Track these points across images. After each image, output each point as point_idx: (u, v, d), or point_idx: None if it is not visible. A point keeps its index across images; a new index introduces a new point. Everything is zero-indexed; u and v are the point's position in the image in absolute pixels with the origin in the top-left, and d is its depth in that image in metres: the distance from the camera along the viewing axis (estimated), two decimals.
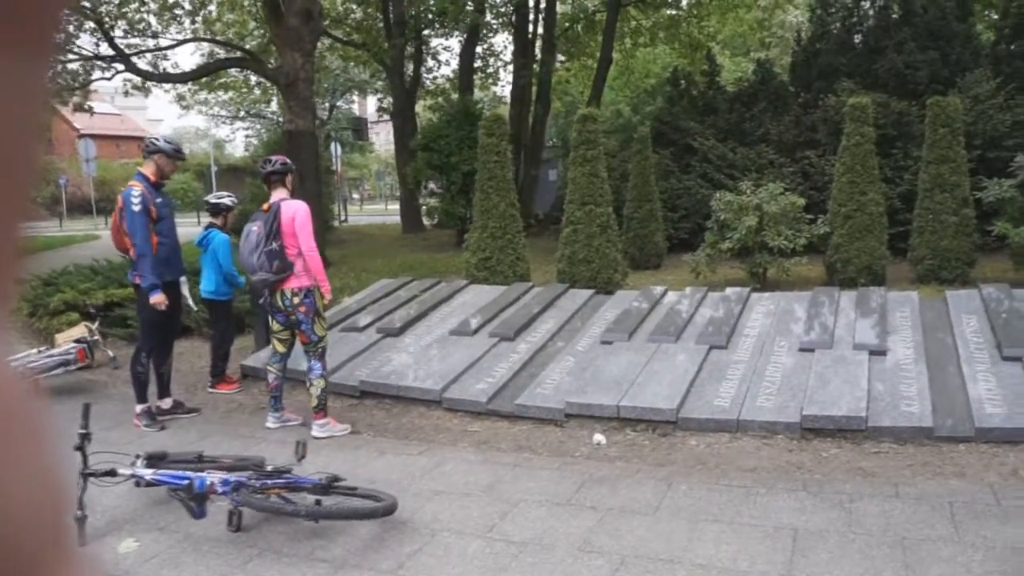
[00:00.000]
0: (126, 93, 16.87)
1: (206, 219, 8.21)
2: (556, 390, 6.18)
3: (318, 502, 4.48)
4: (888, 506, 4.21)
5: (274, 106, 33.70)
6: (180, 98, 19.91)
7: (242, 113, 39.87)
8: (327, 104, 37.43)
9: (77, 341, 8.06)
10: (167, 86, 17.40)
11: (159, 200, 6.46)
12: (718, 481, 4.74)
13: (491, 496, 4.78)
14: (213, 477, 4.41)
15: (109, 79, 15.49)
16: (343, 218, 25.73)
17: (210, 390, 7.57)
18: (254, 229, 5.85)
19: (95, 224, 27.60)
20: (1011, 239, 8.80)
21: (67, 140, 35.88)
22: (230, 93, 25.41)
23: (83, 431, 4.47)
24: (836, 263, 9.77)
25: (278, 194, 6.01)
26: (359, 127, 36.31)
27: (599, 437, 5.62)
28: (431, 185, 19.85)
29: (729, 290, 7.78)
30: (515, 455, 5.49)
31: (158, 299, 6.19)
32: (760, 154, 13.23)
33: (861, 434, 5.16)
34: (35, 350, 8.05)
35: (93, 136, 44.15)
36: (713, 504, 4.42)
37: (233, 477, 4.42)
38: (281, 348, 6.23)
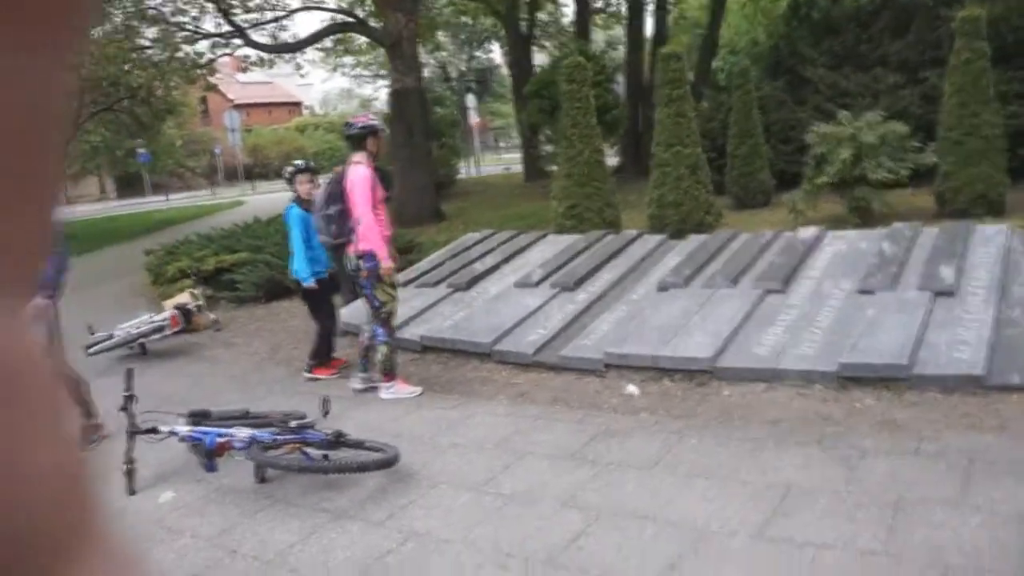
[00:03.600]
0: (244, 69, 17.68)
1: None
2: (600, 340, 6.11)
3: (325, 456, 4.68)
4: (900, 463, 3.93)
5: None
6: (298, 67, 20.66)
7: (383, 71, 40.93)
8: (466, 55, 37.74)
9: (177, 307, 8.69)
10: (288, 56, 18.08)
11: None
12: (732, 435, 4.57)
13: (502, 449, 4.83)
14: (234, 434, 4.69)
15: (231, 55, 16.30)
16: (469, 170, 25.92)
17: (306, 375, 6.92)
18: (319, 192, 5.95)
19: (243, 191, 29.50)
20: None
21: (220, 111, 38.21)
22: (348, 58, 25.95)
23: (127, 393, 4.85)
24: (946, 193, 8.98)
25: (355, 157, 5.85)
26: (483, 78, 36.38)
27: (632, 388, 5.52)
28: (548, 132, 19.71)
29: (803, 229, 7.34)
30: (545, 407, 5.50)
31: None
32: (876, 78, 12.23)
33: (904, 383, 4.80)
34: (147, 316, 8.76)
35: (245, 105, 46.92)
36: (715, 459, 4.28)
37: (250, 434, 4.69)
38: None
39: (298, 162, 7.41)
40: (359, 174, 5.71)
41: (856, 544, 3.28)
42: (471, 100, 32.64)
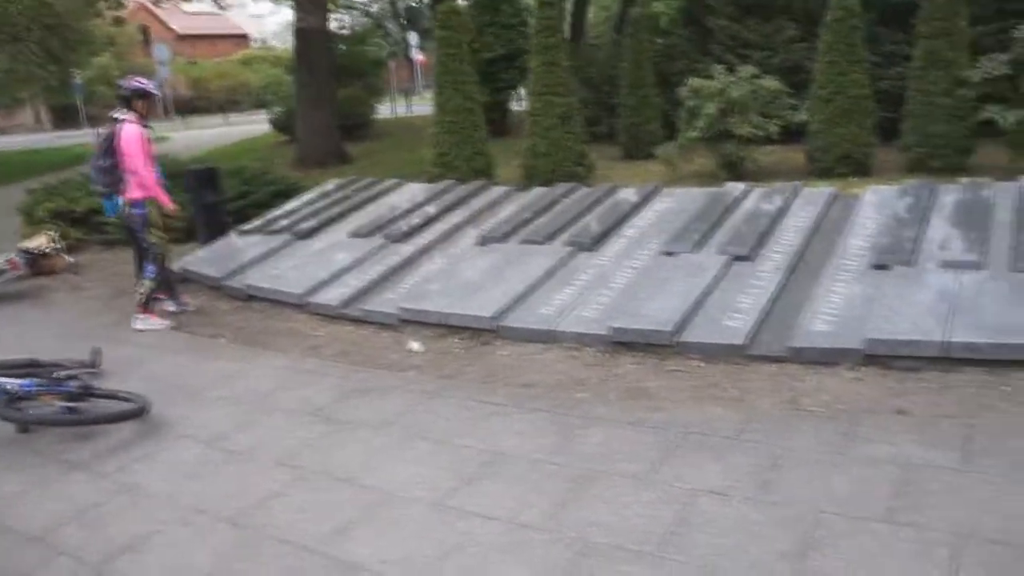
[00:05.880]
0: None
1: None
2: (406, 295, 5.97)
3: (70, 409, 4.54)
4: (618, 434, 3.86)
5: None
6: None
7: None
8: None
9: (27, 250, 8.44)
10: None
11: None
12: (481, 397, 4.49)
13: (257, 404, 4.74)
14: None
15: None
16: (395, 110, 25.22)
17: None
18: (97, 146, 6.38)
19: (174, 125, 28.80)
20: (1001, 124, 7.67)
21: (165, 41, 36.96)
22: None
23: None
24: (815, 152, 8.88)
25: (124, 115, 6.33)
26: (412, 16, 35.54)
27: (415, 345, 5.41)
28: None
29: (635, 187, 7.21)
30: (324, 362, 5.39)
31: None
32: (778, 30, 12.01)
33: (670, 349, 4.71)
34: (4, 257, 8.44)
35: (189, 37, 45.49)
36: (446, 422, 4.20)
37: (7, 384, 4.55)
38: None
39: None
40: (132, 131, 6.22)
41: (519, 518, 3.21)
42: (413, 38, 31.94)
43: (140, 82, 6.43)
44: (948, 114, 8.34)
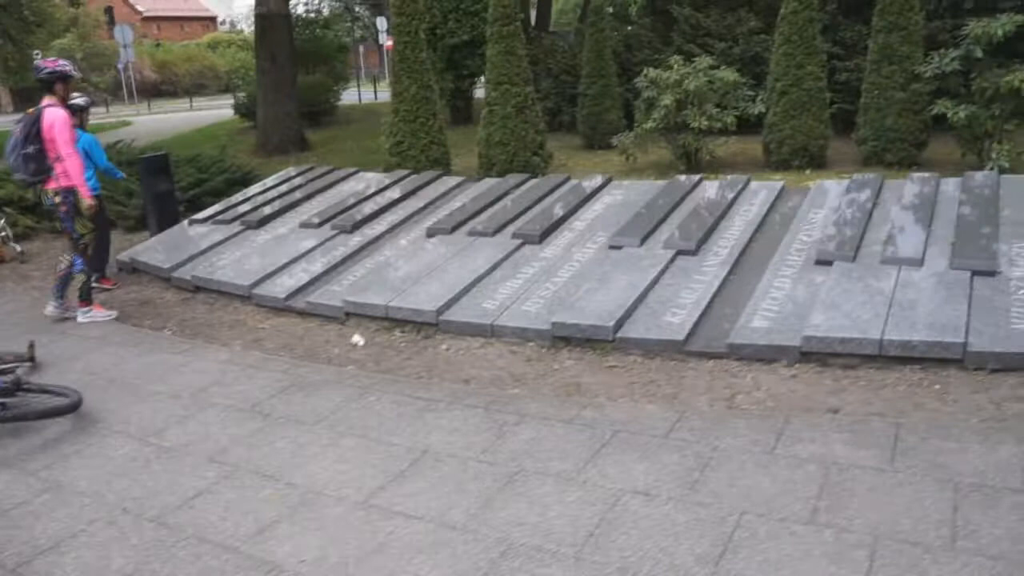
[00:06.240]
0: None
1: None
2: (351, 287, 5.90)
3: (2, 406, 4.44)
4: (548, 432, 3.84)
5: None
6: None
7: None
8: None
9: None
10: None
11: None
12: (416, 392, 4.45)
13: (193, 399, 4.66)
14: None
15: None
16: (361, 97, 24.97)
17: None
18: (16, 131, 5.96)
19: (137, 109, 28.27)
20: (951, 119, 7.72)
21: (131, 23, 36.28)
22: None
23: None
24: (771, 143, 8.90)
25: (46, 100, 6.04)
26: (381, 0, 35.20)
27: (357, 338, 5.36)
28: None
29: (586, 179, 7.18)
30: (264, 356, 5.32)
31: None
32: (740, 20, 12.01)
33: (610, 345, 4.70)
34: None
35: (155, 19, 44.72)
36: (378, 419, 4.16)
37: None
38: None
39: (85, 97, 7.78)
40: (58, 116, 5.94)
41: (443, 517, 3.18)
42: (382, 23, 31.61)
43: (58, 64, 6.13)
44: (902, 108, 8.39)
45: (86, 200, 6.08)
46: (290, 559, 3.00)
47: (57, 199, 6.04)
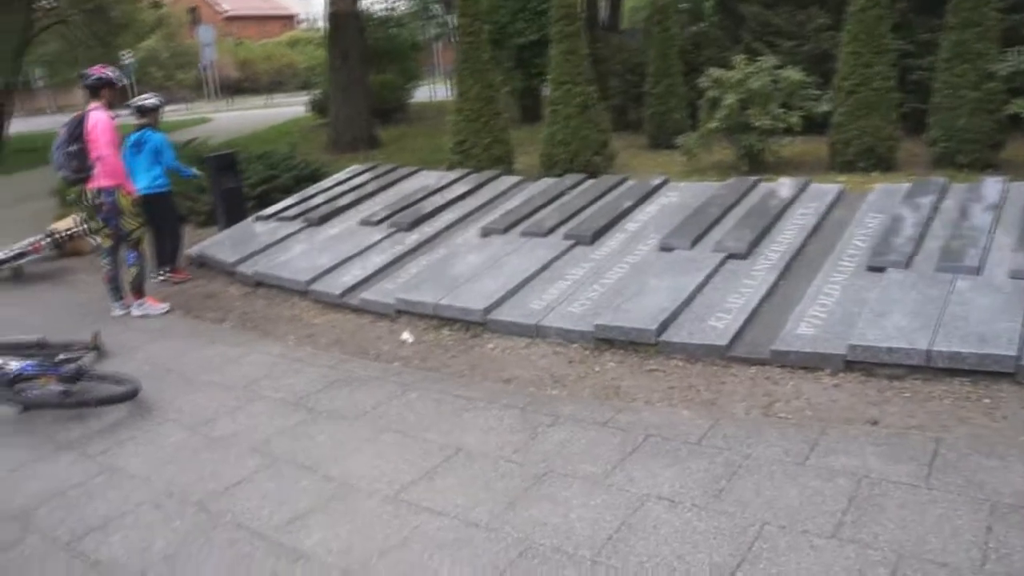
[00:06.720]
0: None
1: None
2: (404, 285, 6.01)
3: (65, 391, 4.69)
4: (580, 434, 3.86)
5: None
6: None
7: None
8: None
9: (51, 232, 8.72)
10: None
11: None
12: (457, 391, 4.52)
13: (243, 391, 4.83)
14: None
15: None
16: (434, 94, 25.09)
17: (163, 278, 7.60)
18: (62, 131, 6.36)
19: (216, 106, 29.18)
20: None
21: (213, 23, 37.47)
22: None
23: None
24: (837, 144, 8.69)
25: (92, 104, 6.37)
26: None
27: (406, 335, 5.46)
28: None
29: (643, 180, 7.14)
30: (317, 351, 5.47)
31: None
32: (810, 18, 11.72)
33: (652, 348, 4.68)
34: (26, 241, 8.70)
35: (237, 18, 45.98)
36: (418, 415, 4.24)
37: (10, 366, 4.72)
38: (106, 243, 6.67)
39: (157, 96, 8.01)
40: (101, 118, 6.27)
41: (468, 515, 3.25)
42: (453, 20, 31.75)
43: (104, 72, 6.43)
44: (975, 108, 8.08)
45: (132, 191, 6.49)
46: (317, 549, 3.11)
47: (98, 199, 6.40)
